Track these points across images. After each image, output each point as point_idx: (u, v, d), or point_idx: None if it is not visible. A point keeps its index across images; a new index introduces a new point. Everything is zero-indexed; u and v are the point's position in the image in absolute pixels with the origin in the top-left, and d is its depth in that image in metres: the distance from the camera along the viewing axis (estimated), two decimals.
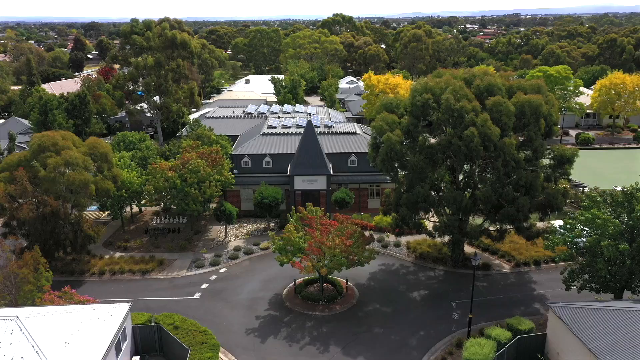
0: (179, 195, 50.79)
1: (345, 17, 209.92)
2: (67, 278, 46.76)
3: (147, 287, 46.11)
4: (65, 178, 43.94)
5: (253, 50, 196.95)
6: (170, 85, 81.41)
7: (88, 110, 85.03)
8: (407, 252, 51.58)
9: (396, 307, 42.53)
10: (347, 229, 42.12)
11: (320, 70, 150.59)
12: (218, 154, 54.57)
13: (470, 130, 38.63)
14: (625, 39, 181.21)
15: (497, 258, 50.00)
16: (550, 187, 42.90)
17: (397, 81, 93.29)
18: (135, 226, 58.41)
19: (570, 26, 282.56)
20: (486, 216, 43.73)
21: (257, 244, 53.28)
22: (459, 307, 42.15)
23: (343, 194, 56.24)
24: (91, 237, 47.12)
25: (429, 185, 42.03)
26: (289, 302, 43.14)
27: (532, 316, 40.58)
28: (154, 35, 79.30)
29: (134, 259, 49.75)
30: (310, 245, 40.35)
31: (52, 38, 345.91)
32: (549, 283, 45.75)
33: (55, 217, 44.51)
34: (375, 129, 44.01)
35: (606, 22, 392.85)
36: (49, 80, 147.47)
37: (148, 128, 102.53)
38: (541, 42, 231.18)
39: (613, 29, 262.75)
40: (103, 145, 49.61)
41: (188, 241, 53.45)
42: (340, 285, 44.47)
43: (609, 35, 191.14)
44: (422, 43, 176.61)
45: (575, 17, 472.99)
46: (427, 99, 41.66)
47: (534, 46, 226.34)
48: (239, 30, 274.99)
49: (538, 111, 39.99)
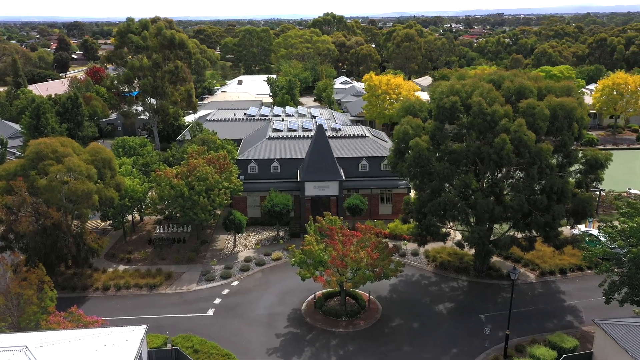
0: (187, 204, 48.00)
1: (335, 16, 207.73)
2: (69, 294, 43.79)
3: (156, 302, 43.30)
4: (67, 188, 40.92)
5: (243, 50, 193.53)
6: (167, 87, 78.30)
7: (80, 113, 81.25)
8: (426, 261, 49.44)
9: (423, 321, 40.34)
10: (371, 239, 39.83)
11: (314, 70, 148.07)
12: (226, 159, 51.91)
13: (501, 137, 36.56)
14: (615, 39, 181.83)
15: (520, 267, 48.04)
16: (581, 193, 41.09)
17: (398, 82, 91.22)
18: (138, 236, 55.40)
19: (557, 25, 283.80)
20: (514, 224, 41.69)
21: (268, 254, 50.70)
22: (488, 321, 40.27)
23: (356, 200, 53.90)
24: (95, 250, 44.18)
25: (456, 192, 39.88)
26: (309, 318, 40.69)
27: (565, 330, 38.78)
28: (151, 34, 76.16)
29: (139, 273, 46.86)
30: (333, 258, 37.94)
31: (34, 38, 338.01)
32: (578, 293, 43.97)
33: (56, 229, 41.51)
34: (399, 134, 41.71)
35: (589, 21, 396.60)
36: (34, 81, 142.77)
37: (142, 131, 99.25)
38: (530, 41, 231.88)
39: (600, 29, 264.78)
40: (105, 152, 46.65)
41: (195, 252, 50.66)
42: (362, 299, 42.15)
43: (599, 34, 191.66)
44: (414, 43, 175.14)
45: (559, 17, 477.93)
46: (455, 102, 39.52)
47: (522, 46, 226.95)
48: (227, 30, 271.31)
49: (572, 114, 38.11)
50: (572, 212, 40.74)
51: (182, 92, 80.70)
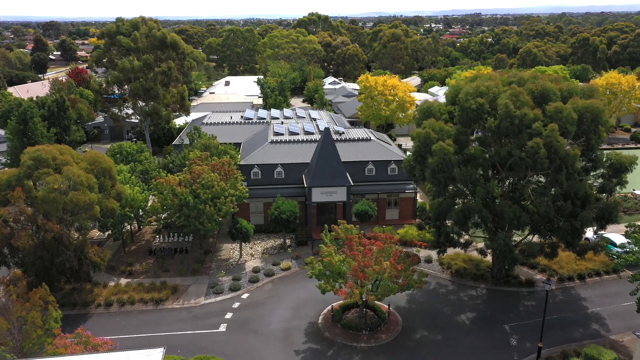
0: (192, 214, 45.67)
1: (321, 16, 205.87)
2: (69, 312, 41.07)
3: (163, 319, 40.92)
4: (68, 198, 38.30)
5: (227, 51, 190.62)
6: (159, 89, 75.55)
7: (67, 116, 77.95)
8: (441, 268, 47.94)
9: (446, 333, 38.78)
10: (392, 249, 38.12)
11: (301, 70, 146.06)
12: (230, 165, 49.71)
13: (534, 141, 35.15)
14: (597, 39, 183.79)
15: (537, 272, 46.91)
16: (604, 199, 40.01)
17: (394, 82, 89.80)
18: (137, 246, 52.81)
19: (538, 25, 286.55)
20: (536, 231, 40.37)
21: (277, 263, 48.65)
22: (513, 331, 38.90)
23: (365, 206, 52.16)
24: (97, 264, 41.59)
25: (481, 199, 38.38)
26: (328, 332, 38.79)
27: (594, 339, 37.68)
28: (142, 35, 73.33)
29: (143, 286, 44.38)
30: (354, 270, 36.11)
31: (8, 38, 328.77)
32: (600, 300, 42.92)
33: (57, 243, 38.88)
34: (420, 137, 40.02)
35: (565, 21, 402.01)
36: (13, 83, 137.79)
37: (130, 134, 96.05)
38: (512, 41, 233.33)
39: (579, 29, 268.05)
40: (105, 160, 44.05)
41: (201, 263, 48.32)
42: (381, 311, 40.40)
43: (582, 34, 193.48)
44: (401, 42, 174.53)
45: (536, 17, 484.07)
46: (481, 104, 37.97)
47: (505, 45, 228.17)
48: (209, 30, 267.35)
49: (599, 117, 36.94)
50: (597, 218, 39.61)
51: (175, 94, 78.01)
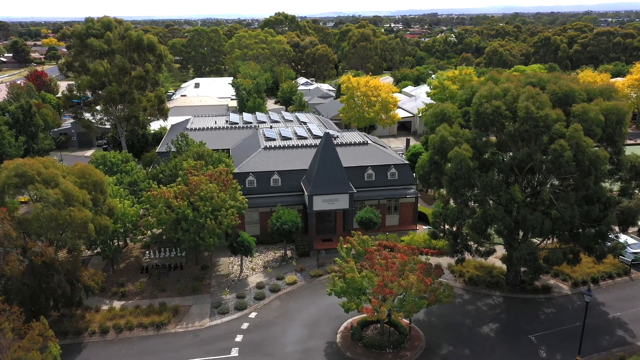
0: (192, 228, 42.33)
1: (287, 16, 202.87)
2: (60, 341, 36.75)
3: (168, 345, 37.52)
4: (63, 216, 34.46)
5: (192, 51, 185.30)
6: (134, 93, 71.26)
7: (34, 123, 72.90)
8: (452, 276, 46.22)
9: (472, 347, 36.98)
10: (417, 262, 36.07)
11: (272, 71, 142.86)
12: (228, 175, 46.59)
13: (559, 142, 33.78)
14: (558, 38, 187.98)
15: (550, 277, 45.82)
16: (625, 202, 39.12)
17: (377, 83, 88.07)
18: (126, 264, 48.93)
19: (498, 25, 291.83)
20: (558, 237, 39.11)
21: (281, 277, 45.85)
22: (540, 342, 37.52)
23: (370, 213, 49.98)
24: (91, 288, 37.81)
25: (503, 206, 36.77)
26: (349, 352, 36.35)
27: (622, 347, 36.73)
28: (116, 37, 68.89)
29: (140, 309, 40.77)
30: (379, 286, 33.84)
31: None
32: (617, 304, 42.10)
33: (48, 268, 34.97)
34: (435, 143, 38.13)
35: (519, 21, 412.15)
36: None
37: (99, 141, 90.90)
38: (474, 41, 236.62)
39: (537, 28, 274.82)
40: (95, 173, 40.23)
41: (200, 280, 44.99)
42: (402, 326, 38.25)
43: (543, 34, 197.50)
44: (370, 42, 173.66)
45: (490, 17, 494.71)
46: (498, 107, 36.37)
47: (467, 44, 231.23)
48: (171, 31, 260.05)
49: (624, 119, 35.92)
50: (619, 222, 38.67)
51: (152, 98, 73.83)
